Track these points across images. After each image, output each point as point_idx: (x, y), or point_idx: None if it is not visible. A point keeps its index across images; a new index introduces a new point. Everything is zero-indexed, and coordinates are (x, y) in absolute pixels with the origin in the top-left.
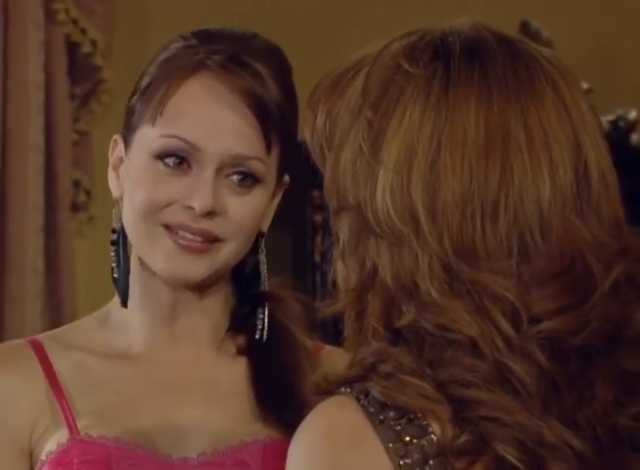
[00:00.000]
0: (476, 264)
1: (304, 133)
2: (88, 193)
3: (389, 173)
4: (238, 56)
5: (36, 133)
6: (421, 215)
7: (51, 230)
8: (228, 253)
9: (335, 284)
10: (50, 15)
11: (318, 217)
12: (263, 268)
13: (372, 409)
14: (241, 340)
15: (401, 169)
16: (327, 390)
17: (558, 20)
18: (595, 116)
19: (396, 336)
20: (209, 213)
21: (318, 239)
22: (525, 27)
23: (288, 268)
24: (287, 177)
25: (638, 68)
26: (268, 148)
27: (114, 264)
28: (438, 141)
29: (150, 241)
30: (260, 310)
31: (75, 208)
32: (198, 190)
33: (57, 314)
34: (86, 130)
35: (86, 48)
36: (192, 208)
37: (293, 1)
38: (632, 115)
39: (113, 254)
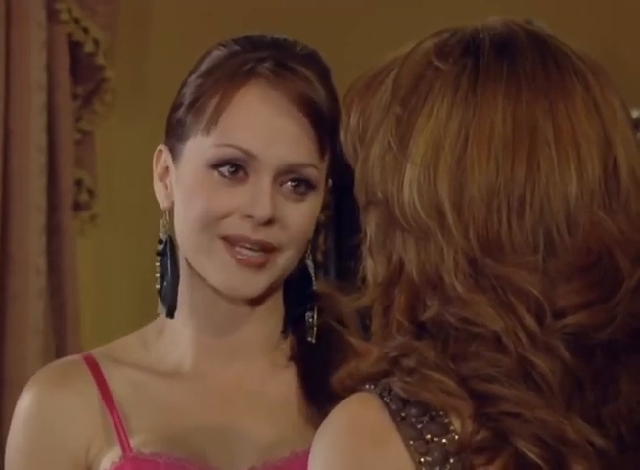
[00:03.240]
0: (501, 259)
1: None
2: (91, 192)
3: (416, 168)
4: (285, 62)
5: (39, 133)
6: (447, 210)
7: (53, 230)
8: (285, 262)
9: (364, 280)
10: (52, 14)
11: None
12: (312, 272)
13: (394, 407)
14: (292, 345)
15: (428, 164)
16: (351, 386)
17: (561, 19)
18: (627, 113)
19: (421, 330)
20: (269, 222)
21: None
22: None
23: None
24: (330, 181)
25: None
26: (322, 154)
27: (158, 275)
28: (465, 136)
29: (207, 254)
30: (310, 313)
31: (78, 207)
32: (256, 199)
33: (59, 314)
34: (89, 130)
35: (89, 47)
36: (251, 217)
37: (296, 0)
38: (635, 114)
39: (158, 264)
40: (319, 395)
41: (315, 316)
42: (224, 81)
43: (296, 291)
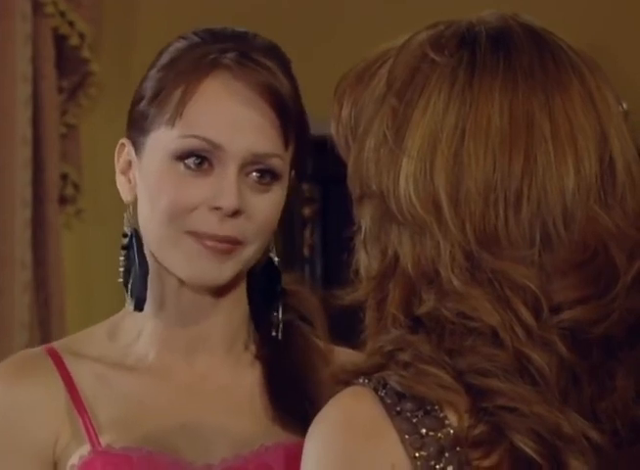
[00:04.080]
0: (497, 253)
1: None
2: (76, 186)
3: (413, 161)
4: (247, 53)
5: (24, 126)
6: (443, 203)
7: (38, 223)
8: (250, 253)
9: (357, 273)
10: (37, 7)
11: (307, 211)
12: (277, 265)
13: (389, 401)
14: (258, 343)
15: (425, 157)
16: (345, 380)
17: (547, 13)
18: (621, 107)
19: (416, 324)
20: (236, 213)
21: (307, 233)
22: None
23: None
24: (293, 173)
25: (628, 60)
26: (286, 143)
27: (122, 269)
28: (462, 129)
29: (174, 246)
30: (275, 311)
31: (63, 201)
32: (223, 189)
33: (45, 308)
34: (74, 123)
35: (74, 41)
36: (218, 208)
37: None
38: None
39: (122, 258)
40: (283, 395)
41: (281, 314)
42: (187, 73)
43: (261, 288)
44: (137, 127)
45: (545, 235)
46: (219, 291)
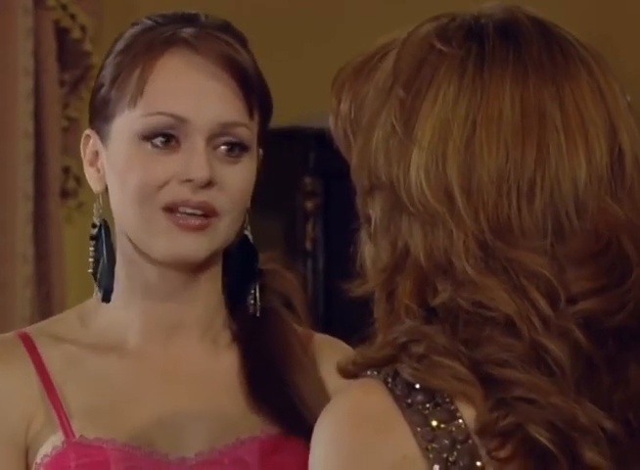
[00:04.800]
0: (511, 242)
1: (300, 119)
2: (78, 179)
3: (424, 152)
4: (204, 29)
5: (26, 119)
6: (456, 193)
7: (40, 217)
8: (226, 227)
9: (362, 265)
10: (39, 0)
11: (309, 204)
12: (251, 240)
13: (399, 393)
14: (235, 326)
15: (436, 148)
16: (354, 372)
17: (549, 6)
18: (627, 101)
19: (430, 314)
20: (208, 184)
21: (309, 226)
22: None
23: None
24: (261, 151)
25: (630, 53)
26: (251, 112)
27: (91, 259)
28: (473, 120)
29: (149, 226)
30: (252, 291)
31: (65, 194)
32: (192, 162)
33: (46, 302)
34: (75, 117)
35: (76, 34)
36: (190, 180)
37: None
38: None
39: (92, 249)
40: (260, 381)
41: (258, 292)
42: (143, 53)
43: (238, 267)
44: (100, 116)
45: (558, 225)
46: (195, 271)
